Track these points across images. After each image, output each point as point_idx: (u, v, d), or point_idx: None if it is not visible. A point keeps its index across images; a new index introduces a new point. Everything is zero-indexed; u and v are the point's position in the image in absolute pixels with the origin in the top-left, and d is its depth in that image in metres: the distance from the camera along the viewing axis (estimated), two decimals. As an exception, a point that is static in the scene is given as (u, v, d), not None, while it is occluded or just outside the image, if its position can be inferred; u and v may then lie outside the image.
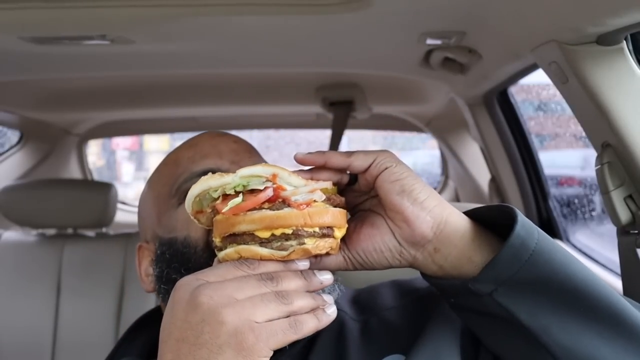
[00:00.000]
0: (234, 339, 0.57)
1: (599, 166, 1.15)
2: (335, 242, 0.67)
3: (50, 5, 1.05)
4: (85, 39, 1.27)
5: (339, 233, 0.67)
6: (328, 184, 0.68)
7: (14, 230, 1.96)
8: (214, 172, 0.91)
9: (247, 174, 0.64)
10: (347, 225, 0.69)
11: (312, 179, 0.68)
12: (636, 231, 1.13)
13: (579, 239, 1.98)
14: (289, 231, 0.63)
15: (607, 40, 1.02)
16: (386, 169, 0.68)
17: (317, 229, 0.64)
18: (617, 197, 1.14)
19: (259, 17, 1.16)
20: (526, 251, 0.64)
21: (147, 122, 3.01)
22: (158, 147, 8.74)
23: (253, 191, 0.64)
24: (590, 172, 1.38)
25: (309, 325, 0.62)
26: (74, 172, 3.02)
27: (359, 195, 0.74)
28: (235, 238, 0.64)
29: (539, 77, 1.52)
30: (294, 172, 0.67)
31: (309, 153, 0.68)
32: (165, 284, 0.88)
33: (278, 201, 0.64)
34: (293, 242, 0.63)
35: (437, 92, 2.17)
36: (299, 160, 0.68)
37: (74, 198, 1.76)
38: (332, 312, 0.65)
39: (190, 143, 0.97)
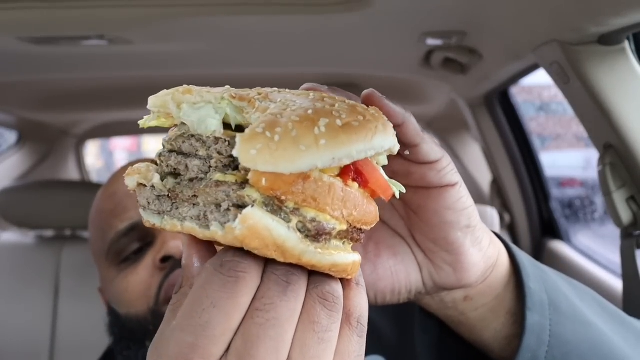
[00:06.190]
0: None
1: (600, 167, 1.14)
2: None
3: (48, 5, 1.04)
4: (83, 39, 1.26)
5: None
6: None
7: (11, 232, 1.95)
8: (137, 226, 0.83)
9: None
10: None
11: None
12: (638, 232, 1.13)
13: (581, 241, 1.97)
14: None
15: (609, 40, 1.01)
16: (450, 185, 0.47)
17: None
18: (619, 199, 1.14)
19: (258, 17, 1.15)
20: None
21: (146, 122, 2.99)
22: (157, 147, 8.72)
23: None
24: (592, 173, 1.37)
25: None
26: (72, 173, 3.00)
27: None
28: (355, 234, 0.40)
29: (540, 77, 1.51)
30: None
31: (393, 105, 0.45)
32: (120, 352, 0.84)
33: None
34: None
35: (437, 93, 2.16)
36: (376, 100, 0.44)
37: (72, 199, 1.75)
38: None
39: (109, 192, 0.89)
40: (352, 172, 0.39)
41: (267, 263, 0.38)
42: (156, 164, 0.44)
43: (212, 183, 0.38)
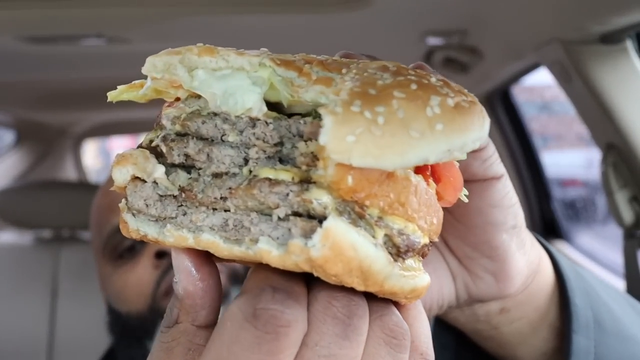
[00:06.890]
0: None
1: (603, 167, 1.14)
2: None
3: (46, 4, 1.03)
4: (82, 37, 1.26)
5: None
6: None
7: (9, 232, 1.94)
8: None
9: None
10: None
11: None
12: (640, 233, 1.13)
13: (583, 241, 1.97)
14: None
15: (611, 39, 1.01)
16: (495, 178, 0.40)
17: None
18: (622, 199, 1.13)
19: (258, 16, 1.15)
20: None
21: (144, 122, 2.99)
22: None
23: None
24: (594, 173, 1.36)
25: None
26: (70, 173, 2.99)
27: None
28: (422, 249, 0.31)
29: (541, 77, 1.50)
30: None
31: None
32: (122, 351, 0.85)
33: None
34: None
35: (437, 93, 2.15)
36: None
37: (70, 199, 1.75)
38: None
39: (107, 188, 0.88)
40: (429, 168, 0.30)
41: (315, 285, 0.28)
42: (157, 153, 0.31)
43: (262, 182, 0.27)
